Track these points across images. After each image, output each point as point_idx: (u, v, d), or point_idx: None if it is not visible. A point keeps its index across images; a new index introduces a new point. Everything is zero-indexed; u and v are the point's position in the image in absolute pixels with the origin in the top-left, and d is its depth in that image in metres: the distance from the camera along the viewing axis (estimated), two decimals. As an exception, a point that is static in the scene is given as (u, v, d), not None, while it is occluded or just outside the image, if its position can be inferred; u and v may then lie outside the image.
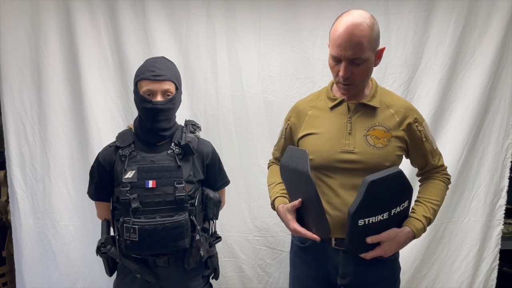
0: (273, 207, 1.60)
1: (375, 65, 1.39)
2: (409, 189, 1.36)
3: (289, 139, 1.65)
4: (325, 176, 1.45)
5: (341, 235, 1.39)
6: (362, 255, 1.37)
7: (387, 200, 1.32)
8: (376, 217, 1.31)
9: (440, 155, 1.55)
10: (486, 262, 2.37)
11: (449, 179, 1.55)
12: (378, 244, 1.36)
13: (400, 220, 1.40)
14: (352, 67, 1.32)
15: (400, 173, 1.30)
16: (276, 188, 1.63)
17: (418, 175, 1.61)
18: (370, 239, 1.34)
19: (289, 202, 1.49)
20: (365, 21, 1.28)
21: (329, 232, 1.34)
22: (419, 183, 1.60)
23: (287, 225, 1.47)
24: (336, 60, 1.35)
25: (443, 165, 1.55)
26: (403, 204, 1.36)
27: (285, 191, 1.58)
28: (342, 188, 1.40)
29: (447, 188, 1.54)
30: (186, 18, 2.33)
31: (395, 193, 1.33)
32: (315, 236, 1.37)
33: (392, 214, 1.34)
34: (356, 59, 1.30)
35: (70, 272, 2.43)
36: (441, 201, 1.49)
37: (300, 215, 1.46)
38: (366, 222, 1.31)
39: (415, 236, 1.39)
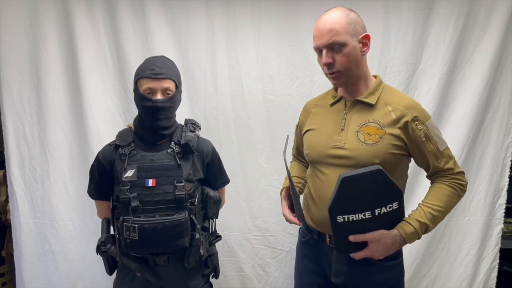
0: None
1: (363, 53, 1.41)
2: (395, 190, 1.33)
3: (299, 137, 1.70)
4: (319, 171, 1.47)
5: None
6: (351, 255, 1.38)
7: (367, 198, 1.31)
8: (356, 215, 1.31)
9: (449, 157, 1.45)
10: (486, 261, 2.37)
11: (462, 184, 1.44)
12: (367, 245, 1.36)
13: (391, 222, 1.37)
14: (333, 54, 1.37)
15: (379, 171, 1.28)
16: (286, 180, 1.68)
17: (427, 177, 1.54)
18: (352, 238, 1.34)
19: None
20: (337, 11, 1.38)
21: (302, 217, 1.41)
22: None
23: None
24: (318, 51, 1.42)
25: (452, 168, 1.44)
26: (390, 205, 1.34)
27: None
28: (332, 184, 1.36)
29: (457, 195, 1.44)
30: (185, 18, 2.32)
31: (377, 192, 1.31)
32: (295, 220, 1.45)
33: (377, 214, 1.32)
34: (332, 43, 1.35)
35: (69, 272, 2.43)
36: (444, 207, 1.40)
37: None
38: (346, 220, 1.31)
39: (405, 240, 1.36)
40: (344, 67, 1.38)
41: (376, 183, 1.30)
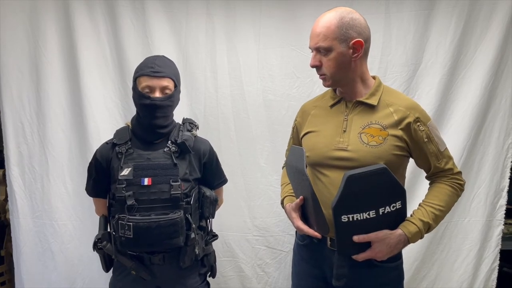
0: (283, 207, 1.61)
1: (355, 58, 1.38)
2: (398, 188, 1.32)
3: (296, 139, 1.67)
4: (320, 173, 1.45)
5: None
6: (354, 257, 1.36)
7: (372, 197, 1.30)
8: (361, 214, 1.30)
9: (449, 158, 1.46)
10: (486, 263, 2.35)
11: (460, 184, 1.46)
12: (370, 246, 1.35)
13: (393, 222, 1.36)
14: (320, 56, 1.39)
15: (384, 169, 1.28)
16: (286, 188, 1.65)
17: (426, 178, 1.55)
18: (356, 238, 1.32)
19: None
20: (332, 14, 1.37)
21: (327, 229, 1.35)
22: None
23: (292, 223, 1.48)
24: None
25: (452, 169, 1.46)
26: (394, 204, 1.33)
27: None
28: (335, 186, 1.36)
29: (457, 194, 1.46)
30: (185, 17, 2.33)
31: (382, 191, 1.30)
32: (316, 233, 1.39)
33: (381, 213, 1.31)
34: (318, 47, 1.37)
35: (68, 271, 2.43)
36: (445, 206, 1.41)
37: (305, 213, 1.47)
38: (351, 219, 1.30)
39: (409, 240, 1.35)
40: (329, 71, 1.39)
41: (381, 182, 1.29)
